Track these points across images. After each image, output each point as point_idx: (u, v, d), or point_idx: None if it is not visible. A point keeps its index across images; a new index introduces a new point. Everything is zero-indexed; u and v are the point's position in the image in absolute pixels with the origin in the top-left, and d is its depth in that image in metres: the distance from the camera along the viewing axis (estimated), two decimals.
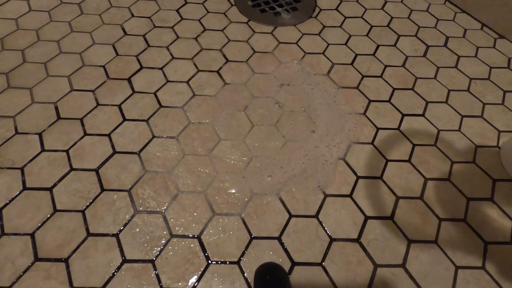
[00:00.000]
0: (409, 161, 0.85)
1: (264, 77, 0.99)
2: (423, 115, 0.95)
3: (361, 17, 1.22)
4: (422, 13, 1.26)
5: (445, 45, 1.14)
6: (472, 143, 0.90)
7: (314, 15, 1.22)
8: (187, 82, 0.96)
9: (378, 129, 0.90)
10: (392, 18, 1.22)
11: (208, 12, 1.18)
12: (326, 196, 0.77)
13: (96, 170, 0.77)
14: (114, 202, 0.72)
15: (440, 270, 0.69)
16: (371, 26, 1.18)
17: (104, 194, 0.73)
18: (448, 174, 0.83)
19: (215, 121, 0.88)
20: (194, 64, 1.01)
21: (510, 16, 1.13)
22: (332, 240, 0.71)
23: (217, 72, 0.99)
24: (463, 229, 0.75)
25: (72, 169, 0.77)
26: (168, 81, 0.96)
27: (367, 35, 1.15)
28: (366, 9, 1.25)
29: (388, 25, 1.19)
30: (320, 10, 1.24)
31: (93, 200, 0.72)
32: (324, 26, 1.17)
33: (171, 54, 1.03)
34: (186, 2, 1.21)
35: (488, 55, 1.12)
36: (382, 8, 1.26)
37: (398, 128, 0.91)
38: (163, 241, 0.68)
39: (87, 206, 0.71)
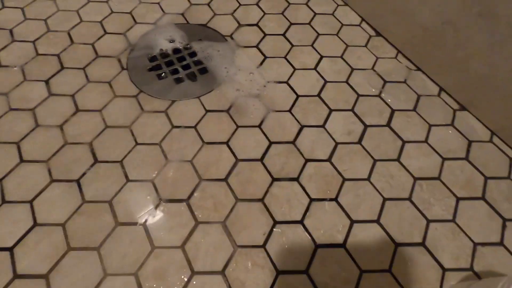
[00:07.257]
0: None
1: (140, 185, 0.74)
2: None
3: (286, 82, 0.97)
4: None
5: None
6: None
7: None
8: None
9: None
10: (326, 82, 0.98)
11: (88, 81, 0.92)
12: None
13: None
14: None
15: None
16: (297, 96, 0.94)
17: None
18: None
19: None
20: (49, 171, 0.76)
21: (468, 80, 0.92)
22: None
23: (77, 181, 0.76)
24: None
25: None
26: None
27: (289, 110, 0.91)
28: (295, 69, 1.00)
29: (318, 95, 0.96)
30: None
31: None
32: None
33: (20, 154, 0.78)
34: (63, 68, 0.95)
35: None
36: (315, 69, 1.02)
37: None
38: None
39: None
